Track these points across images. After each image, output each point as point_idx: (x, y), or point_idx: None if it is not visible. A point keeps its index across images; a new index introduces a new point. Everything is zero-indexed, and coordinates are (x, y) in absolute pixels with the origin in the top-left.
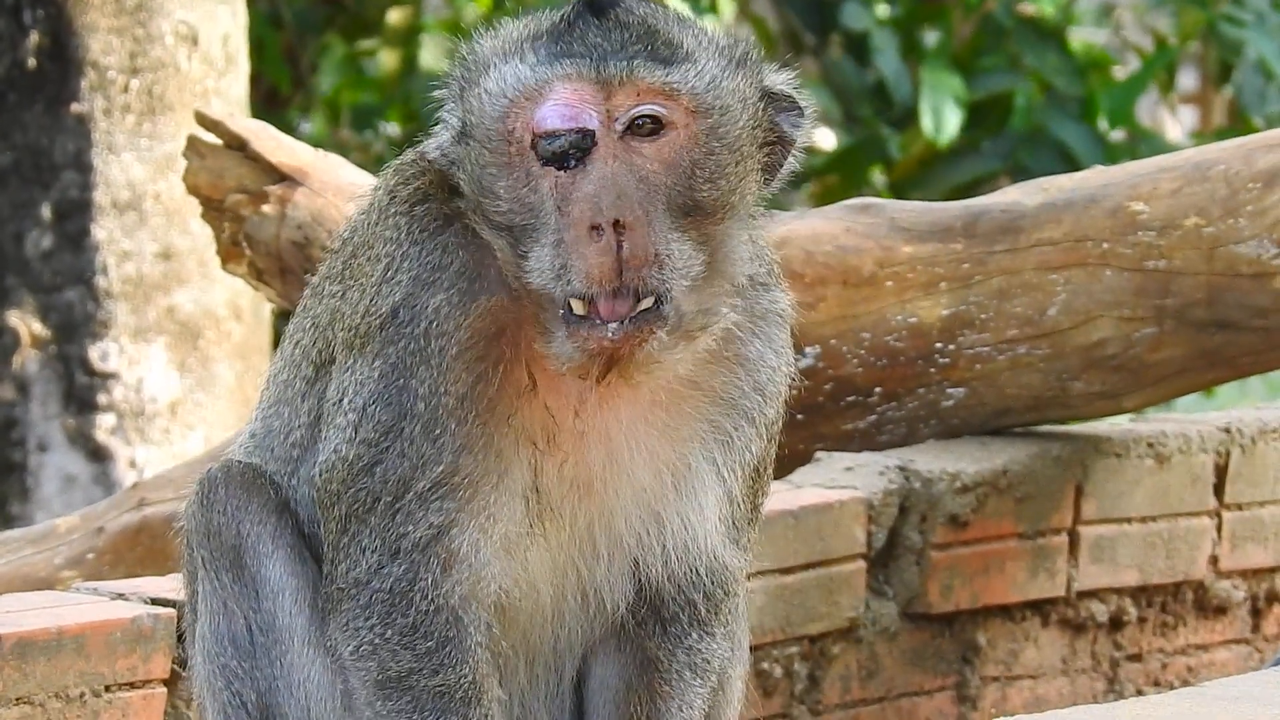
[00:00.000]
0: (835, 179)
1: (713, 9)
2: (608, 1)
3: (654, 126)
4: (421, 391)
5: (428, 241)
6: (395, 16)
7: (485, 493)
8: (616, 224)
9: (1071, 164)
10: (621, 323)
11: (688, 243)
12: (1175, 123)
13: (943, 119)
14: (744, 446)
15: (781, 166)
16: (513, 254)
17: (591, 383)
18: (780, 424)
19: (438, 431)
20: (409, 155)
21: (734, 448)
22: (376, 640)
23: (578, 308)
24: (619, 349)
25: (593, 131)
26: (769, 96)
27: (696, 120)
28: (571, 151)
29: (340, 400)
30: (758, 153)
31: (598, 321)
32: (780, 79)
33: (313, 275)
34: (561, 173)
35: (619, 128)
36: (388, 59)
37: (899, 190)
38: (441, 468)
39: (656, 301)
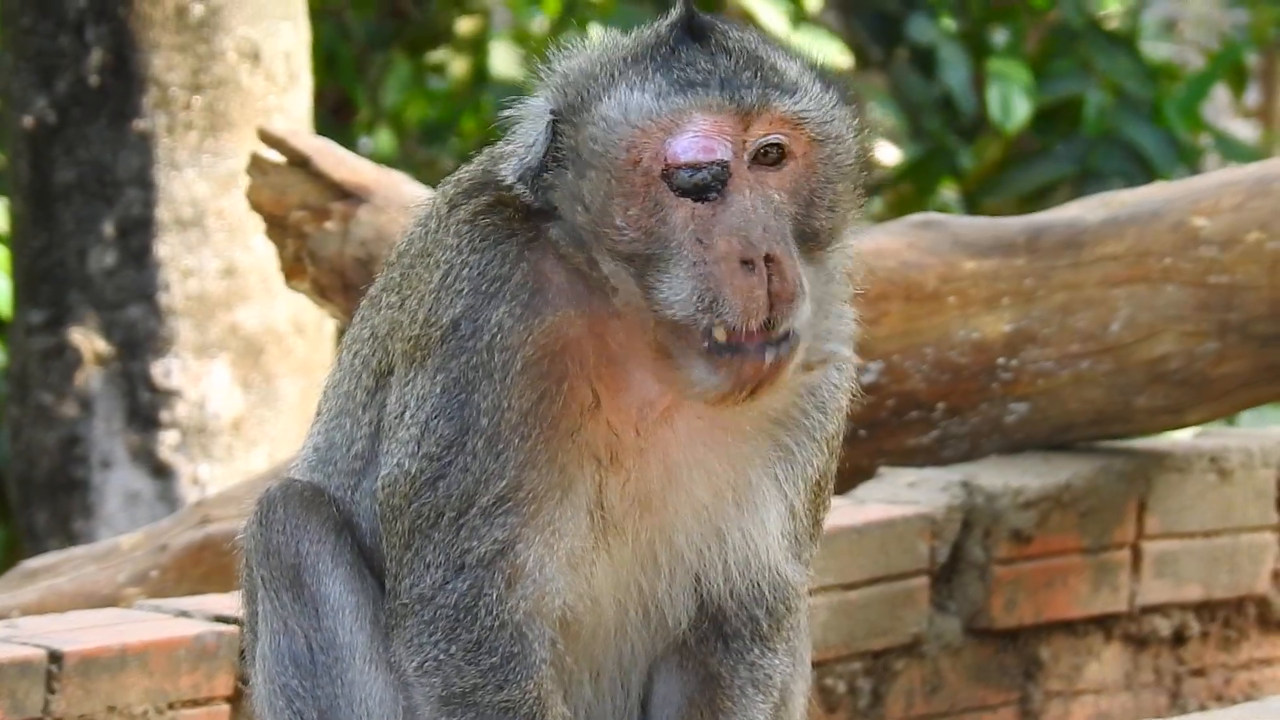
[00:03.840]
0: (908, 189)
1: (801, 16)
2: (706, 25)
3: (777, 155)
4: (484, 406)
5: (488, 250)
6: (465, 26)
7: (549, 508)
8: (767, 258)
9: (1144, 166)
10: (776, 349)
11: (809, 268)
12: (1246, 128)
13: (1011, 106)
14: (805, 461)
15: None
16: (638, 284)
17: (657, 401)
18: (841, 438)
19: (500, 446)
20: (469, 168)
21: (795, 463)
22: (440, 656)
23: (721, 335)
24: (769, 376)
25: (728, 163)
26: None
27: (815, 149)
28: (712, 184)
29: (402, 414)
30: (861, 177)
31: (751, 350)
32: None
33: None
34: (699, 204)
35: (747, 158)
36: (457, 67)
37: (972, 196)
38: (505, 483)
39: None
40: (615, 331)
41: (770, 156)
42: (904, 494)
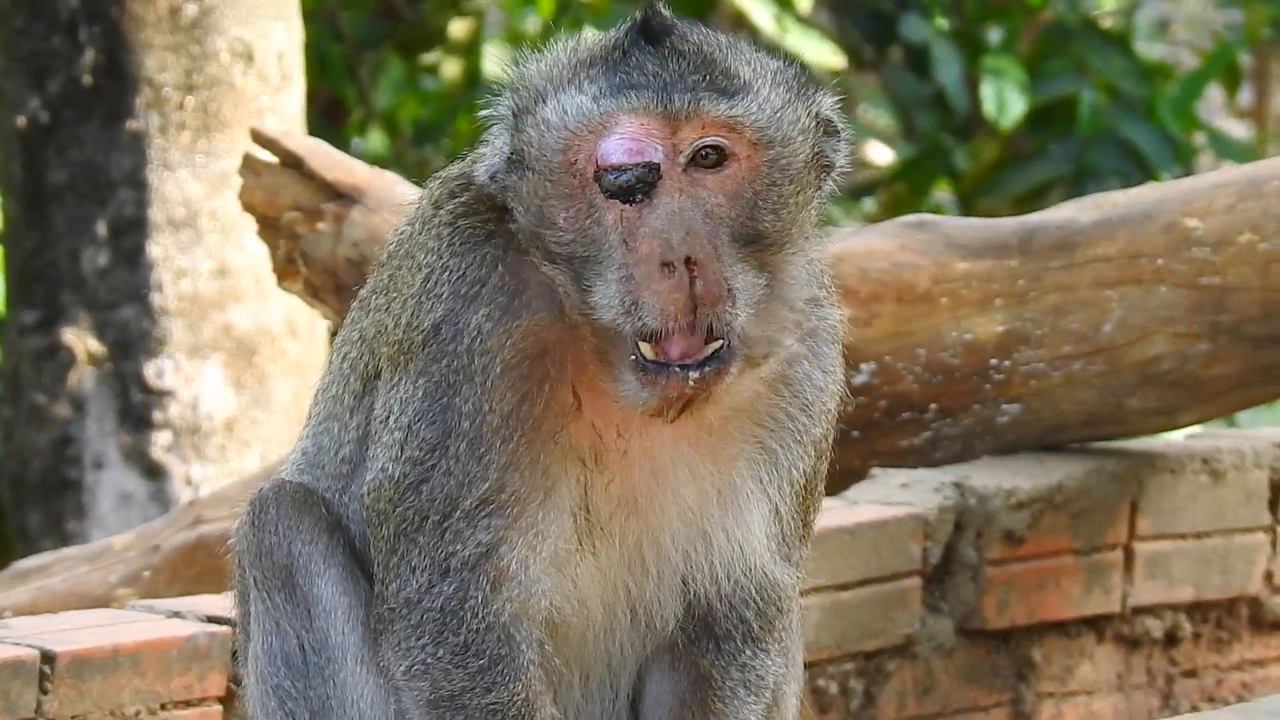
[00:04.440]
0: (902, 189)
1: (791, 12)
2: (662, 28)
3: (717, 157)
4: (466, 409)
5: (468, 254)
6: (458, 28)
7: (533, 510)
8: (688, 260)
9: (1140, 164)
10: (700, 370)
11: (750, 272)
12: (1239, 128)
13: (1006, 103)
14: (790, 464)
15: (825, 190)
16: (575, 286)
17: (664, 418)
18: (830, 440)
19: (483, 449)
20: (455, 168)
21: (780, 466)
22: (428, 660)
23: (648, 352)
24: (696, 395)
25: (658, 165)
26: (821, 122)
27: (758, 152)
28: (638, 185)
29: (386, 418)
30: (815, 179)
31: (676, 369)
32: (828, 104)
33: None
34: (627, 206)
35: (682, 160)
36: (450, 68)
37: (968, 197)
38: (488, 485)
39: (725, 341)
40: (576, 327)
41: (709, 159)
42: (896, 495)
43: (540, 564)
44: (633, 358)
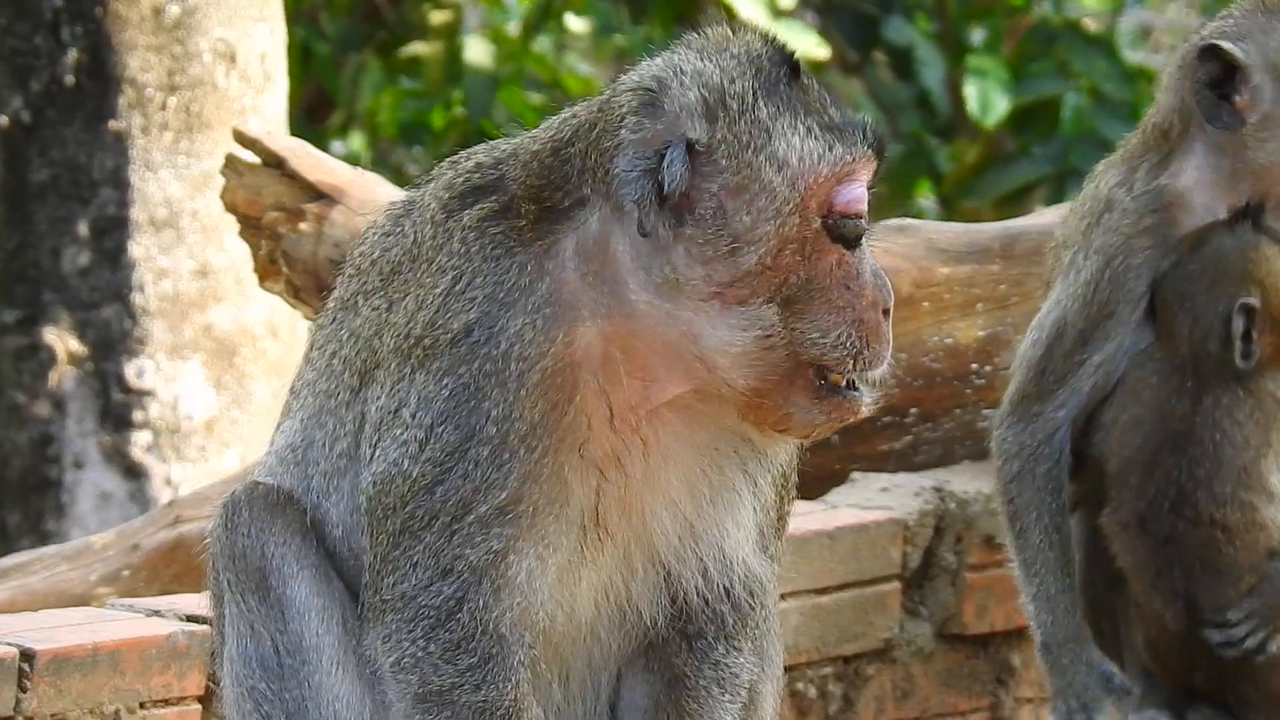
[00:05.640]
0: (884, 191)
1: (777, 11)
2: (797, 65)
3: None
4: (494, 414)
5: (503, 259)
6: (437, 18)
7: (545, 522)
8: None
9: None
10: (872, 391)
11: None
12: None
13: (989, 101)
14: (774, 453)
15: None
16: (782, 324)
17: (644, 404)
18: None
19: (506, 456)
20: (459, 176)
21: (765, 456)
22: (419, 654)
23: (838, 379)
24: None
25: None
26: None
27: None
28: (865, 231)
29: (398, 410)
30: None
31: (851, 393)
32: None
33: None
34: (848, 251)
35: None
36: (430, 53)
37: (950, 198)
38: (505, 494)
39: None
40: (623, 339)
41: None
42: (876, 499)
43: (545, 576)
44: (818, 384)
